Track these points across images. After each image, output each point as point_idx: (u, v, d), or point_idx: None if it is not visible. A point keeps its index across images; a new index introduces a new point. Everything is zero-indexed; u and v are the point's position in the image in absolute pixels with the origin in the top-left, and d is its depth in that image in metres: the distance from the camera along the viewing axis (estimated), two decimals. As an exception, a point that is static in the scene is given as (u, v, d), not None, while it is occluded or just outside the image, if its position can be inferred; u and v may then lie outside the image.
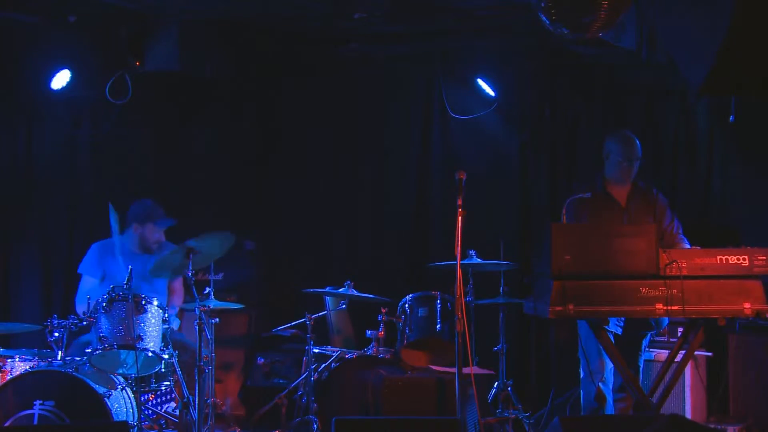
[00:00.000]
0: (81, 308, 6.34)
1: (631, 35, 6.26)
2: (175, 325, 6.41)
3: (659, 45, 6.17)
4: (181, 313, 6.80)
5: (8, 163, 7.39)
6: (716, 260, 5.18)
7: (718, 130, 7.27)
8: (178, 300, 6.70)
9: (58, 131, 7.57)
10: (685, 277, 5.12)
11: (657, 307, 5.14)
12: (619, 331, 5.84)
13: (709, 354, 6.42)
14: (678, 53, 5.55)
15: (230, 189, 8.11)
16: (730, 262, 5.17)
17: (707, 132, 7.36)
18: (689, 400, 6.30)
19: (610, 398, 5.92)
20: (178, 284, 6.72)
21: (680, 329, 6.28)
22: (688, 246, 5.89)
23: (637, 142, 6.01)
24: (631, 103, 7.63)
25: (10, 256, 7.37)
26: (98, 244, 6.57)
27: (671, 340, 6.42)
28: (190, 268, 5.78)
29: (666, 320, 6.10)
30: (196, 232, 5.89)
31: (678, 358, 5.60)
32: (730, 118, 6.02)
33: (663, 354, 6.27)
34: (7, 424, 5.33)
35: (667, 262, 5.14)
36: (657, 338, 6.46)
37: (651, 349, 6.42)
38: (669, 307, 5.12)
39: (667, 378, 5.58)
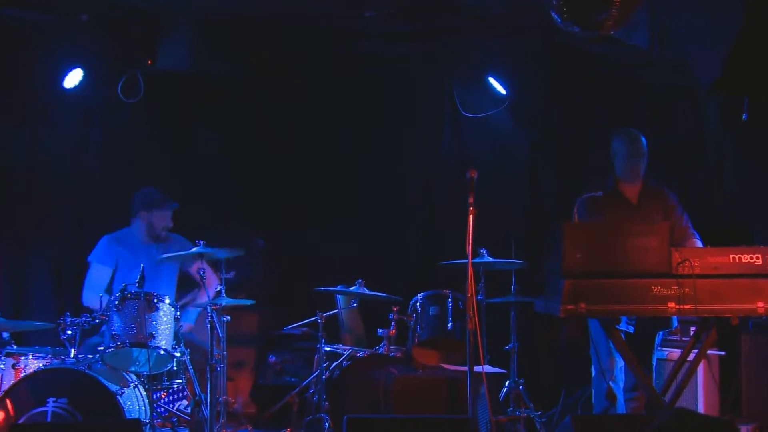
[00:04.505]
0: (88, 296, 6.37)
1: (642, 34, 6.24)
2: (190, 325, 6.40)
3: (671, 43, 6.16)
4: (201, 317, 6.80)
5: (21, 162, 7.41)
6: (729, 259, 5.15)
7: (730, 129, 7.25)
8: (212, 286, 6.55)
9: (70, 130, 7.59)
10: (698, 276, 5.09)
11: (669, 306, 5.12)
12: (631, 329, 5.83)
13: (722, 353, 6.40)
14: (690, 52, 5.55)
15: (242, 188, 8.12)
16: (743, 260, 5.14)
17: (719, 131, 7.34)
18: (702, 399, 6.29)
19: (620, 397, 5.91)
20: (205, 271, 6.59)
21: (693, 328, 6.26)
22: (698, 239, 5.90)
23: (642, 138, 6.01)
24: (642, 101, 7.62)
25: (23, 254, 7.39)
26: (109, 236, 6.59)
27: (683, 339, 6.40)
28: (203, 264, 5.83)
29: (676, 318, 6.09)
30: (208, 230, 5.91)
31: (690, 357, 5.58)
32: (743, 116, 6.00)
33: (675, 353, 6.25)
34: (20, 422, 5.36)
35: (680, 260, 5.12)
36: (669, 337, 6.45)
37: (663, 348, 6.41)
38: (681, 306, 5.10)
39: (679, 377, 5.56)
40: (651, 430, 3.20)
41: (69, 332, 5.72)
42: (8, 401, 5.43)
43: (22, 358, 5.75)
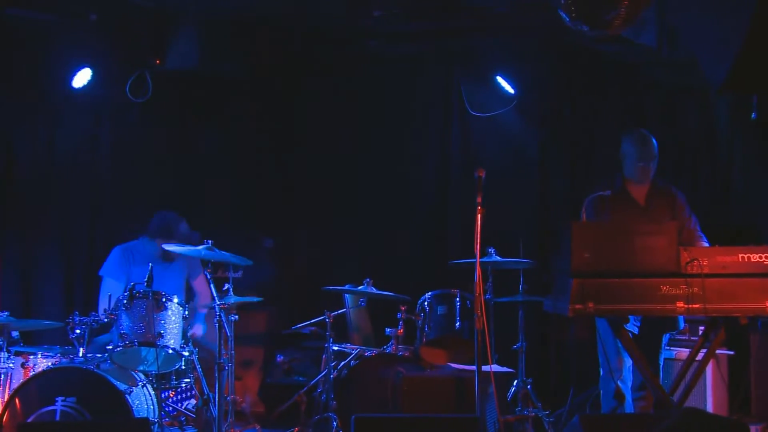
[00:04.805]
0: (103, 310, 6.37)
1: (651, 32, 6.23)
2: (201, 330, 6.38)
3: (680, 42, 6.15)
4: (209, 317, 6.81)
5: (30, 161, 7.43)
6: (738, 258, 5.13)
7: (740, 127, 7.23)
8: (203, 300, 6.67)
9: (79, 130, 7.61)
10: (707, 275, 5.07)
11: (678, 305, 5.10)
12: (636, 330, 5.81)
13: (731, 352, 6.38)
14: (699, 50, 5.53)
15: (250, 187, 8.13)
16: (752, 260, 5.12)
17: (728, 130, 7.32)
18: (710, 399, 6.27)
19: (629, 396, 5.89)
20: (201, 284, 6.71)
21: (701, 328, 6.25)
22: (705, 241, 5.87)
23: (654, 141, 5.97)
24: (651, 100, 7.61)
25: (32, 254, 7.41)
26: (120, 248, 6.57)
27: (692, 338, 6.38)
28: (209, 266, 5.83)
29: (682, 319, 6.07)
30: (213, 229, 5.92)
31: (699, 356, 5.57)
32: (752, 115, 5.98)
33: (684, 352, 6.24)
34: (29, 420, 5.38)
35: (688, 260, 5.10)
36: (678, 337, 6.43)
37: (672, 348, 6.40)
38: (690, 306, 5.08)
39: (688, 376, 5.55)
40: (661, 430, 3.19)
41: (78, 331, 5.73)
42: (17, 400, 5.45)
43: (31, 357, 5.77)
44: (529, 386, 6.39)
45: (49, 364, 5.71)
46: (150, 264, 5.91)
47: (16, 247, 7.35)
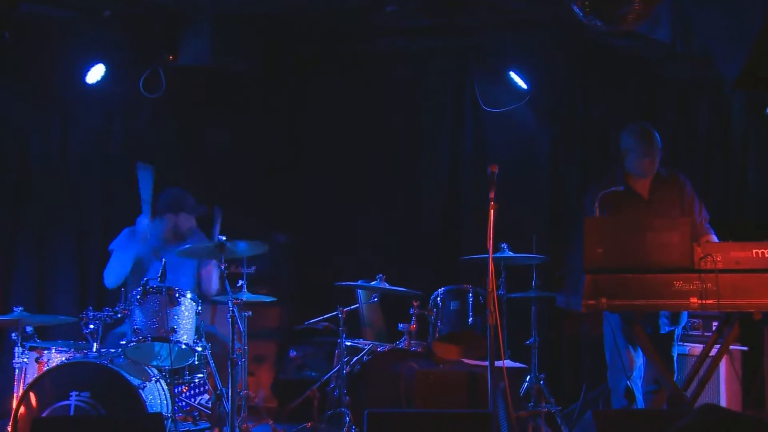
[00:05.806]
0: (109, 278, 6.40)
1: (665, 27, 6.21)
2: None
3: (694, 37, 6.13)
4: (214, 307, 6.83)
5: (44, 156, 7.46)
6: (752, 254, 5.12)
7: (754, 123, 7.20)
8: (207, 287, 6.68)
9: (93, 125, 7.64)
10: (720, 271, 5.06)
11: (691, 300, 5.09)
12: (649, 329, 5.78)
13: (745, 348, 6.36)
14: (714, 46, 5.51)
15: (263, 183, 8.14)
16: (766, 255, 5.11)
17: (742, 126, 7.29)
18: (724, 395, 6.25)
19: (639, 395, 5.87)
20: (208, 273, 6.69)
21: (715, 323, 6.22)
22: (713, 234, 5.84)
23: (656, 134, 5.92)
24: (665, 96, 7.57)
25: (46, 249, 7.45)
26: (130, 229, 6.61)
27: (706, 334, 6.37)
28: (222, 261, 5.83)
29: (685, 316, 6.03)
30: (228, 227, 5.92)
31: (713, 352, 5.55)
32: (767, 110, 5.95)
33: (697, 348, 6.23)
34: (44, 415, 5.41)
35: (702, 255, 5.09)
36: (691, 332, 6.41)
37: (685, 344, 6.38)
38: (703, 301, 5.07)
39: (701, 372, 5.54)
40: (679, 427, 3.15)
41: (91, 326, 5.76)
42: (32, 394, 5.48)
43: (46, 352, 5.80)
44: (541, 382, 6.38)
45: (63, 359, 5.74)
46: (164, 259, 5.93)
47: (30, 243, 7.39)
